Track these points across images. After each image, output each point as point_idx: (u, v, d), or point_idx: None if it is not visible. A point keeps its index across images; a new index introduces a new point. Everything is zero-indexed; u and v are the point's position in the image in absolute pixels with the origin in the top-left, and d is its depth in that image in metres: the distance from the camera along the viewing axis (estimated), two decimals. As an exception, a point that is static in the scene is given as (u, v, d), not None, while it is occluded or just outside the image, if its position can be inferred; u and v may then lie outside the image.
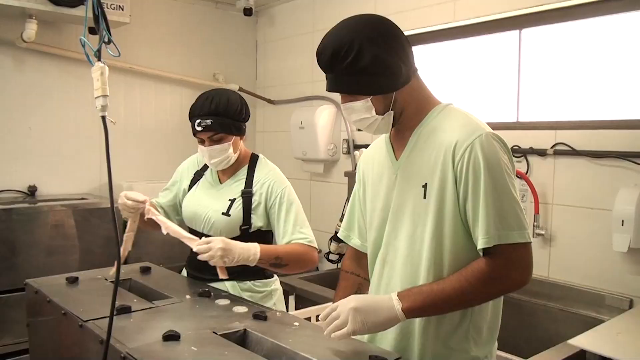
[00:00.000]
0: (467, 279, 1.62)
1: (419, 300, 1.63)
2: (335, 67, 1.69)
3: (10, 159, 4.11)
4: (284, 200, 2.50)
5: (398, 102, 1.75)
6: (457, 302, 1.66)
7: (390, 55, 1.67)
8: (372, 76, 1.67)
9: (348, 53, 1.65)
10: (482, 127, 1.69)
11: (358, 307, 1.62)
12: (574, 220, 3.03)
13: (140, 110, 4.76)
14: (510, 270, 1.63)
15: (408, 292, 1.66)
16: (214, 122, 2.41)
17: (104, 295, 2.20)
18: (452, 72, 3.81)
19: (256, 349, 1.74)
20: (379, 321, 1.63)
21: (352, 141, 4.40)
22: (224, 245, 2.18)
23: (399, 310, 1.62)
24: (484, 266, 1.61)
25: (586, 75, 3.11)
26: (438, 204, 1.69)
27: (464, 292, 1.62)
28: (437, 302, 1.64)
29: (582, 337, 2.36)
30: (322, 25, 4.59)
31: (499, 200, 1.61)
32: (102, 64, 1.58)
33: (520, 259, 1.64)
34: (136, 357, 1.57)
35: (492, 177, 1.61)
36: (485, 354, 1.78)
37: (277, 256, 2.35)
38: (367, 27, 1.69)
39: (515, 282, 1.65)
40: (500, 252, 1.60)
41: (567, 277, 3.06)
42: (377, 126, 1.77)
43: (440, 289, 1.63)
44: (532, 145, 3.18)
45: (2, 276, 3.42)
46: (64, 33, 4.29)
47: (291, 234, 2.45)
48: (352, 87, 1.72)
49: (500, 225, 1.60)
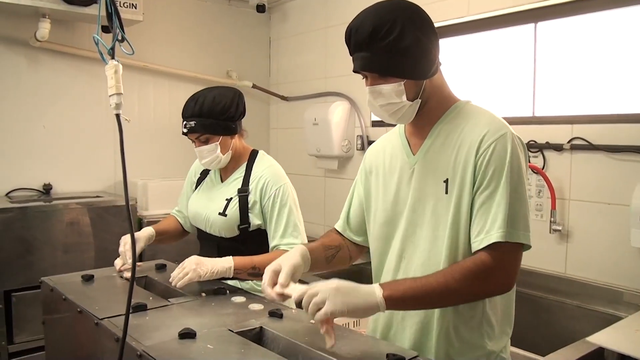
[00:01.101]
0: (453, 276, 1.59)
1: (400, 290, 1.58)
2: (372, 45, 1.62)
3: (25, 158, 4.13)
4: (277, 201, 2.45)
5: (426, 92, 1.72)
6: (439, 297, 1.61)
7: (429, 41, 1.67)
8: (411, 59, 1.64)
9: (390, 31, 1.60)
10: (507, 125, 1.69)
11: (338, 287, 1.54)
12: (591, 215, 2.99)
13: (154, 108, 4.77)
14: (498, 271, 1.61)
15: (391, 282, 1.67)
16: (197, 124, 2.41)
17: (119, 292, 2.21)
18: (467, 66, 3.78)
19: (272, 347, 1.74)
20: (359, 303, 1.54)
21: (366, 137, 4.39)
22: (196, 260, 2.22)
23: (380, 297, 1.55)
24: (472, 265, 1.60)
25: (603, 69, 3.07)
26: (457, 199, 1.68)
27: (448, 288, 1.58)
28: (419, 295, 1.59)
29: (600, 335, 2.33)
30: (335, 21, 4.57)
31: (515, 199, 1.61)
32: (116, 62, 1.58)
33: (512, 261, 1.63)
34: (152, 355, 1.57)
35: (513, 176, 1.61)
36: (500, 348, 1.77)
37: (254, 266, 2.32)
38: (409, 9, 1.67)
39: (499, 283, 1.64)
40: (499, 250, 1.59)
41: (584, 274, 3.03)
42: (402, 113, 1.72)
43: (424, 282, 1.60)
44: (548, 140, 3.14)
45: (18, 274, 3.44)
46: (77, 32, 4.31)
47: (279, 239, 2.43)
48: (389, 67, 1.65)
49: (513, 223, 1.60)
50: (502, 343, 1.77)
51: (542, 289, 3.11)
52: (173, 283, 2.20)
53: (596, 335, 2.32)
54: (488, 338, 1.73)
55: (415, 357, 1.59)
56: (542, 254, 3.16)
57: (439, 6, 3.74)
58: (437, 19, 3.71)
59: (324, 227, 4.83)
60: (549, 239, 3.12)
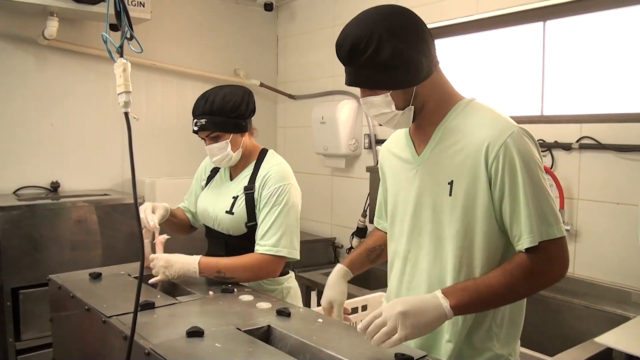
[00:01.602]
0: (513, 274, 1.60)
1: (466, 297, 1.59)
2: (354, 60, 1.64)
3: (33, 156, 4.14)
4: (272, 200, 2.40)
5: (419, 97, 1.71)
6: (503, 297, 1.64)
7: (411, 48, 1.62)
8: (392, 70, 1.62)
9: (367, 46, 1.59)
10: (511, 123, 1.66)
11: (406, 311, 1.53)
12: (600, 215, 2.98)
13: (162, 106, 4.78)
14: (552, 265, 1.62)
15: (453, 289, 1.62)
16: (207, 122, 2.40)
17: (127, 291, 2.21)
18: (475, 65, 3.77)
19: (280, 346, 1.74)
20: (428, 322, 1.55)
21: (373, 136, 4.38)
22: (164, 263, 2.24)
23: (447, 308, 1.56)
24: (526, 261, 1.61)
25: (612, 68, 3.05)
26: (467, 203, 1.66)
27: (510, 287, 1.61)
28: (484, 298, 1.61)
29: (608, 335, 2.33)
30: (343, 19, 4.53)
31: (537, 198, 1.60)
32: (124, 60, 1.58)
33: (559, 253, 1.63)
34: (160, 353, 1.57)
35: (529, 175, 1.60)
36: (509, 351, 1.76)
37: (219, 270, 2.31)
38: (388, 18, 1.64)
39: (556, 275, 1.65)
40: (542, 247, 1.59)
41: (592, 274, 3.01)
42: (396, 121, 1.73)
43: (486, 284, 1.61)
44: (556, 139, 3.13)
45: (26, 271, 3.45)
46: (85, 30, 4.32)
47: (258, 239, 2.39)
48: (371, 81, 1.66)
49: (541, 222, 1.59)
50: (510, 347, 1.76)
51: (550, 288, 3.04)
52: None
53: (604, 335, 2.31)
54: (497, 341, 1.72)
55: (424, 356, 1.59)
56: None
57: (448, 4, 3.73)
58: (445, 18, 3.73)
59: (331, 225, 4.83)
60: (558, 238, 3.11)
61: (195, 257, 2.29)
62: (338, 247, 4.72)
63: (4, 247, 3.39)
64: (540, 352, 2.26)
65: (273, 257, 2.35)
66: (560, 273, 1.65)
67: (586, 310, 2.94)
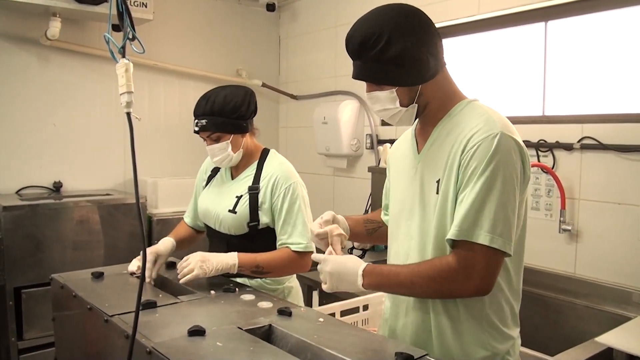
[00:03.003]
0: (420, 271, 1.64)
1: (376, 281, 1.72)
2: (362, 54, 1.68)
3: (36, 156, 4.15)
4: (287, 199, 2.45)
5: (423, 96, 1.74)
6: (407, 290, 1.73)
7: (419, 47, 1.66)
8: (400, 67, 1.66)
9: (377, 42, 1.64)
10: (502, 126, 1.64)
11: (332, 272, 1.77)
12: (601, 215, 2.98)
13: (164, 106, 4.79)
14: (460, 273, 1.59)
15: (373, 269, 1.74)
16: (208, 122, 2.41)
17: (129, 290, 2.22)
18: (477, 65, 3.78)
19: (281, 345, 1.74)
20: (344, 286, 1.77)
21: (375, 136, 4.38)
22: (201, 257, 2.26)
23: (360, 285, 1.73)
24: (438, 263, 1.63)
25: (614, 68, 3.05)
26: (443, 199, 1.68)
27: (413, 283, 1.66)
28: (391, 286, 1.74)
29: (609, 335, 2.33)
30: (345, 20, 4.57)
31: (488, 200, 1.57)
32: (126, 61, 1.58)
33: (476, 264, 1.58)
34: (162, 352, 1.57)
35: (491, 176, 1.58)
36: (505, 349, 1.75)
37: (258, 265, 2.35)
38: (399, 17, 1.68)
39: (465, 287, 1.60)
40: (464, 250, 1.58)
41: (593, 274, 3.01)
42: (399, 118, 1.77)
43: (395, 273, 1.70)
44: (558, 140, 3.13)
45: (28, 271, 3.46)
46: (88, 30, 4.33)
47: (287, 238, 2.43)
48: (378, 76, 1.70)
49: (473, 222, 1.57)
50: (507, 344, 1.75)
51: (551, 289, 3.10)
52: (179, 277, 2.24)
53: (605, 335, 2.32)
54: (492, 339, 1.72)
55: (424, 355, 1.59)
56: (551, 253, 3.15)
57: (450, 5, 3.73)
58: (447, 18, 3.74)
59: (333, 226, 4.82)
60: (559, 238, 3.11)
61: (232, 253, 2.33)
62: (340, 247, 4.72)
63: (7, 247, 3.40)
64: (541, 352, 2.26)
65: (305, 253, 2.41)
66: (471, 286, 1.59)
67: (587, 310, 2.94)
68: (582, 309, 2.96)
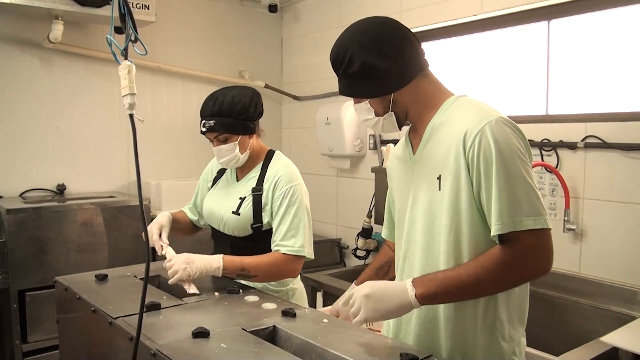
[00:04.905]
0: (483, 266, 1.60)
1: (433, 287, 1.62)
2: (337, 72, 1.82)
3: (39, 159, 4.16)
4: (286, 201, 2.42)
5: (399, 103, 1.79)
6: (471, 289, 1.64)
7: (381, 60, 1.72)
8: (364, 80, 1.75)
9: (342, 60, 1.76)
10: (492, 113, 1.67)
11: (369, 294, 1.64)
12: (606, 214, 2.98)
13: (167, 108, 4.80)
14: (526, 257, 1.60)
15: (423, 279, 1.66)
16: (216, 123, 2.40)
17: (133, 292, 2.22)
18: (480, 65, 3.77)
19: (285, 346, 1.74)
20: (391, 308, 1.63)
21: (378, 137, 4.38)
22: (185, 259, 2.22)
23: (412, 297, 1.62)
24: (499, 253, 1.60)
25: (617, 66, 3.05)
26: (453, 195, 1.68)
27: (478, 279, 1.61)
28: (452, 289, 1.62)
29: (614, 334, 2.33)
30: (347, 21, 4.51)
31: (512, 186, 1.58)
32: (129, 63, 1.58)
33: (537, 246, 1.60)
34: (166, 353, 1.57)
35: (504, 162, 1.59)
36: (512, 348, 1.75)
37: (243, 268, 2.31)
38: (361, 34, 1.76)
39: (533, 269, 1.62)
40: (516, 239, 1.58)
41: (598, 273, 3.01)
42: (380, 125, 1.84)
43: (455, 275, 1.63)
44: (562, 139, 3.13)
45: (32, 274, 3.47)
46: (90, 33, 4.33)
47: (280, 240, 2.40)
48: (351, 90, 1.82)
49: (514, 211, 1.57)
50: (514, 344, 1.76)
51: (556, 288, 3.09)
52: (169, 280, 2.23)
53: (610, 335, 2.31)
54: (501, 338, 1.72)
55: (429, 356, 1.59)
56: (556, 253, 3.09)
57: (452, 4, 3.73)
58: (450, 17, 3.74)
59: (337, 226, 4.84)
60: (563, 238, 3.11)
61: (218, 255, 2.30)
62: (344, 247, 4.73)
63: (11, 250, 3.40)
64: (546, 352, 2.26)
65: (295, 257, 2.38)
66: (538, 267, 1.61)
67: (592, 309, 2.94)
68: (587, 308, 2.95)
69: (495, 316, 1.71)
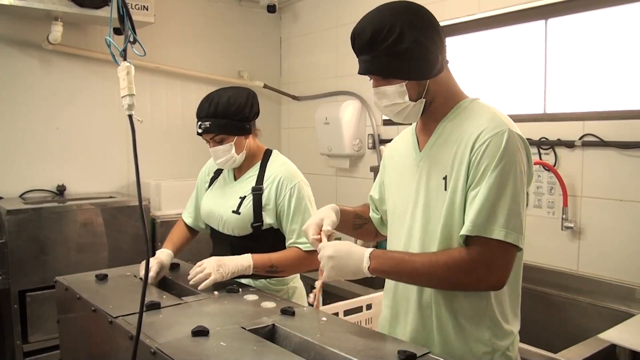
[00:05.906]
0: (438, 261, 1.63)
1: (387, 265, 1.71)
2: (373, 48, 1.67)
3: (39, 160, 4.17)
4: (293, 199, 2.46)
5: (430, 91, 1.75)
6: (421, 278, 1.70)
7: (430, 42, 1.68)
8: (411, 60, 1.67)
9: (389, 35, 1.64)
10: (509, 124, 1.68)
11: (332, 256, 1.74)
12: (604, 212, 2.98)
13: (166, 108, 4.80)
14: (479, 266, 1.61)
15: (381, 254, 1.72)
16: (212, 124, 2.42)
17: (133, 291, 2.23)
18: (477, 64, 3.78)
19: (285, 344, 1.75)
20: (346, 272, 1.74)
21: (377, 136, 4.39)
22: (216, 262, 2.26)
23: (366, 269, 1.71)
24: (456, 254, 1.62)
25: (614, 65, 3.06)
26: (452, 195, 1.69)
27: (430, 272, 1.65)
28: (403, 273, 1.71)
29: (612, 331, 2.33)
30: (346, 20, 4.57)
31: (499, 195, 1.60)
32: (128, 64, 1.59)
33: (495, 258, 1.60)
34: (166, 352, 1.58)
35: (502, 170, 1.60)
36: (506, 345, 1.76)
37: (272, 264, 2.37)
38: (409, 12, 1.69)
39: (480, 279, 1.62)
40: (480, 245, 1.60)
41: (596, 271, 3.02)
42: (407, 113, 1.76)
43: (410, 260, 1.68)
44: (559, 137, 3.14)
45: (33, 274, 3.47)
46: (89, 34, 4.34)
47: (296, 238, 2.45)
48: (389, 69, 1.70)
49: (487, 218, 1.59)
50: (508, 341, 1.76)
51: (554, 286, 3.10)
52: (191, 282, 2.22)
53: (608, 332, 2.32)
54: (493, 335, 1.73)
55: (427, 353, 1.60)
56: (554, 251, 3.15)
57: (450, 4, 3.74)
58: (448, 17, 3.74)
59: (336, 226, 4.83)
60: (561, 236, 3.12)
61: (246, 255, 2.34)
62: (343, 247, 4.72)
63: (11, 250, 3.40)
64: (544, 349, 2.26)
65: (314, 252, 2.40)
66: (487, 279, 1.62)
67: (590, 307, 2.94)
68: (585, 306, 2.96)
69: (487, 314, 1.72)
